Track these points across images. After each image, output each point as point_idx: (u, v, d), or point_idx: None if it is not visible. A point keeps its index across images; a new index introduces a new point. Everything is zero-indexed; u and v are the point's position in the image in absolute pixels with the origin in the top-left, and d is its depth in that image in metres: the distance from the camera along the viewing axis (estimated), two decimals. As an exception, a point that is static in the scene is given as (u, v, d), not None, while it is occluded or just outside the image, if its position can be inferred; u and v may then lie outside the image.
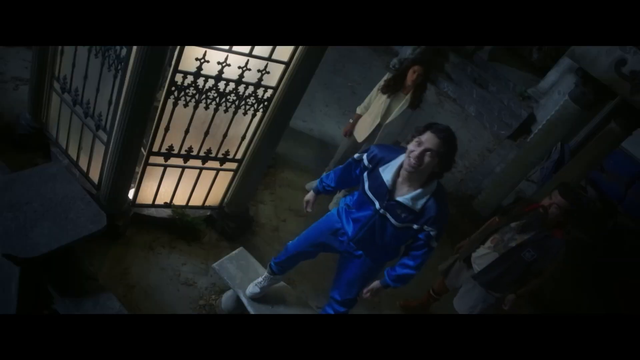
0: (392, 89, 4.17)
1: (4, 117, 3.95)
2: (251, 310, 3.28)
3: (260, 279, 3.30)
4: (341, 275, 2.98)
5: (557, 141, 5.49)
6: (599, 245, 6.78)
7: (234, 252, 3.55)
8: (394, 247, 2.73)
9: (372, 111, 4.33)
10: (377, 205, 2.54)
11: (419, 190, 2.45)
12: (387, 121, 4.26)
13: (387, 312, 4.29)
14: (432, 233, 2.52)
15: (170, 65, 2.97)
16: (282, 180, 4.97)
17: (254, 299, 3.28)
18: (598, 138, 4.95)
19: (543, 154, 5.37)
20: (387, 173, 2.51)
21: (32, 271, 2.12)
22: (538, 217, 3.22)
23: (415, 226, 2.51)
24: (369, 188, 2.57)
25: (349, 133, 4.57)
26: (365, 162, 2.61)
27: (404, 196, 2.47)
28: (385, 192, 2.51)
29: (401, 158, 2.48)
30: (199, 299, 3.67)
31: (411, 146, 2.40)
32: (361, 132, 4.43)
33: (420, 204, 2.45)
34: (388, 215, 2.53)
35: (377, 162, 2.55)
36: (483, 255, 3.44)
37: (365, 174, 2.61)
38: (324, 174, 3.01)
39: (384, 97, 4.21)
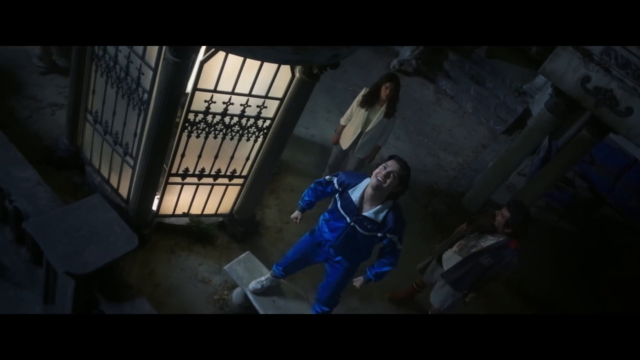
0: (368, 103, 4.81)
1: (44, 141, 4.63)
2: (256, 304, 3.95)
3: (263, 278, 3.96)
4: (326, 281, 3.70)
5: (535, 145, 5.96)
6: (587, 237, 7.21)
7: (241, 256, 4.20)
8: (365, 250, 3.43)
9: (354, 122, 4.96)
10: (348, 219, 3.25)
11: (379, 206, 3.16)
12: (367, 129, 4.92)
13: (377, 302, 4.91)
14: (394, 239, 3.23)
15: (184, 106, 3.58)
16: (286, 185, 5.57)
17: (256, 293, 3.95)
18: (571, 144, 5.43)
19: (523, 156, 5.85)
20: (355, 194, 3.20)
21: (84, 282, 2.77)
22: (488, 224, 3.79)
23: (379, 234, 3.22)
24: (341, 206, 3.27)
25: (337, 141, 5.19)
26: (336, 185, 3.31)
27: (368, 211, 3.17)
28: (354, 209, 3.20)
29: (365, 182, 3.19)
30: (214, 294, 4.34)
31: (378, 169, 3.11)
32: (345, 140, 5.09)
33: (381, 216, 3.16)
34: (357, 227, 3.24)
35: (346, 186, 3.26)
36: (450, 257, 4.04)
37: (337, 195, 3.31)
38: (305, 191, 3.66)
39: (363, 110, 4.81)
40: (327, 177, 3.44)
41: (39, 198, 3.10)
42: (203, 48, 3.21)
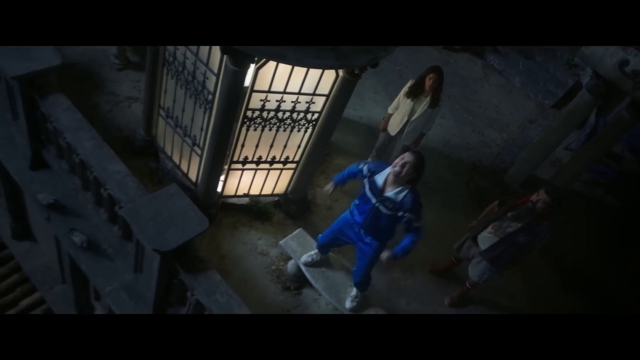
0: (414, 94, 5.15)
1: (124, 132, 5.33)
2: (308, 275, 4.54)
3: (313, 252, 4.54)
4: (358, 266, 4.26)
5: (578, 123, 6.08)
6: (632, 212, 7.24)
7: (295, 232, 4.77)
8: (390, 228, 3.93)
9: (400, 111, 5.32)
10: (374, 200, 3.77)
11: (399, 188, 3.67)
12: (412, 118, 5.27)
13: (418, 273, 5.37)
14: (412, 218, 3.73)
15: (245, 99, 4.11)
16: (335, 166, 6.04)
17: (307, 265, 4.55)
18: (612, 124, 5.55)
19: (566, 134, 6.01)
20: (379, 179, 3.74)
21: (167, 256, 3.42)
22: (528, 210, 4.11)
23: (399, 213, 3.72)
24: (369, 189, 3.80)
25: (384, 128, 5.59)
26: (365, 172, 3.83)
27: (389, 193, 3.69)
28: (379, 191, 3.73)
29: (388, 170, 3.71)
30: (271, 265, 4.96)
31: (397, 160, 3.63)
32: (393, 128, 5.47)
33: (400, 197, 3.67)
34: (381, 207, 3.76)
35: (373, 172, 3.79)
36: (486, 238, 4.41)
37: (365, 180, 3.83)
38: (338, 173, 4.19)
39: (409, 100, 5.16)
40: (360, 164, 3.94)
41: (128, 187, 3.74)
42: (258, 56, 3.69)
